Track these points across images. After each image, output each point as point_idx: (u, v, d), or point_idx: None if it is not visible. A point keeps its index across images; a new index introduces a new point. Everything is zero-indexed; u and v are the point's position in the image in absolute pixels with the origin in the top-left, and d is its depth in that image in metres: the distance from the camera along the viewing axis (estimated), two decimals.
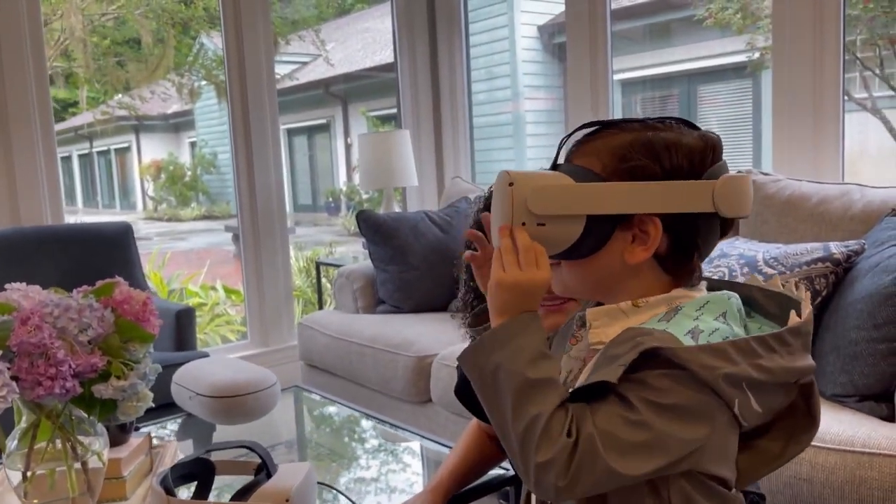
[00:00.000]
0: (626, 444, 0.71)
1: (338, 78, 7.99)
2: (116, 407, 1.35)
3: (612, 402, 0.73)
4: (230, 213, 8.40)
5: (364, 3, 9.77)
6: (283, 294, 3.25)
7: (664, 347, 0.72)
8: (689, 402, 0.72)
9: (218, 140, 8.55)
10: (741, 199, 0.80)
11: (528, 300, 0.79)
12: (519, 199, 0.79)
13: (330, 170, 8.23)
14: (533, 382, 0.74)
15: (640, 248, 0.80)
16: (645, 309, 0.81)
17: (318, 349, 2.69)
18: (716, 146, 0.81)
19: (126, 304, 1.38)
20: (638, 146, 0.79)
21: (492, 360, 0.76)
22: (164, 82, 6.95)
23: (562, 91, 6.54)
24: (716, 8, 4.61)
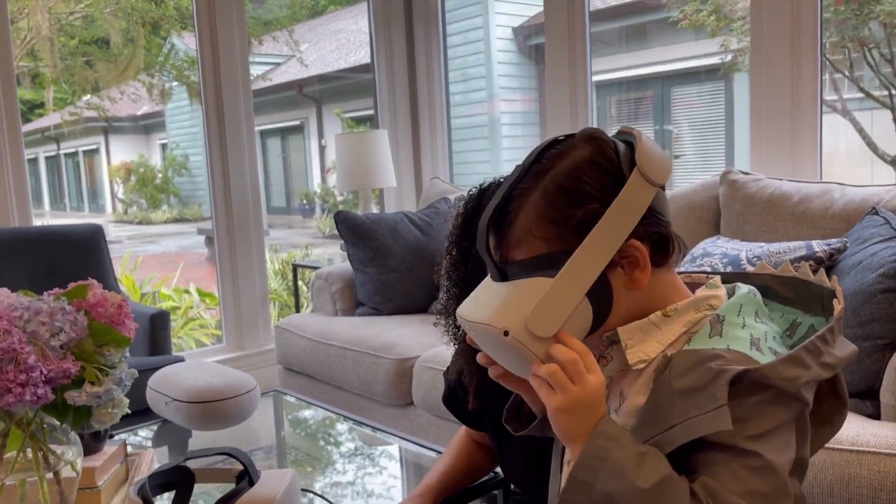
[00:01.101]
0: (767, 492, 0.68)
1: (311, 79, 7.93)
2: (91, 414, 1.29)
3: (722, 457, 0.70)
4: (202, 216, 8.29)
5: (337, 4, 9.72)
6: (259, 297, 3.20)
7: (751, 370, 0.70)
8: (784, 419, 0.72)
9: (190, 142, 8.44)
10: (663, 157, 0.77)
11: (595, 410, 0.73)
12: (526, 338, 0.74)
13: (304, 171, 8.17)
14: (653, 492, 0.69)
15: (639, 272, 0.76)
16: (675, 316, 0.78)
17: (296, 353, 2.64)
18: (601, 137, 0.77)
19: (100, 306, 1.33)
20: (558, 202, 0.75)
21: (598, 491, 0.70)
22: (134, 83, 6.84)
23: (537, 93, 6.55)
24: (690, 10, 4.63)
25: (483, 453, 1.41)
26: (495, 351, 0.78)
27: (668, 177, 0.77)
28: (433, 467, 1.39)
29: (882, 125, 4.51)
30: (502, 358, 0.78)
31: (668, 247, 0.78)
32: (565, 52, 2.94)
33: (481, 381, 1.22)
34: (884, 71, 4.32)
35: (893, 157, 4.42)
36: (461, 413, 1.36)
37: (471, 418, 1.35)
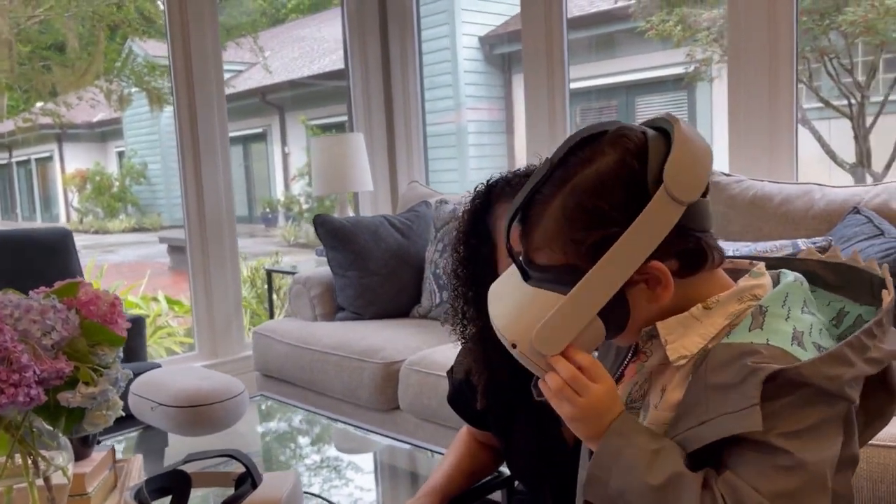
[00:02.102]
0: (796, 492, 0.67)
1: (275, 86, 7.85)
2: (83, 417, 1.24)
3: (753, 455, 0.69)
4: (162, 225, 8.12)
5: (298, 12, 9.66)
6: (233, 304, 3.13)
7: (787, 369, 0.68)
8: (824, 417, 0.69)
9: (149, 149, 8.26)
10: (697, 171, 0.72)
11: (606, 413, 0.75)
12: (533, 354, 0.76)
13: (266, 180, 8.06)
14: (662, 489, 0.69)
15: (660, 288, 0.75)
16: (717, 308, 0.76)
17: (275, 358, 2.58)
18: (629, 139, 0.73)
19: (92, 305, 1.27)
20: (577, 220, 0.73)
21: (612, 488, 0.73)
22: (92, 89, 6.68)
23: (504, 101, 6.59)
24: (657, 20, 4.71)
25: (486, 453, 1.39)
26: (515, 355, 0.79)
27: (696, 194, 0.72)
28: (437, 468, 1.36)
29: (841, 134, 4.64)
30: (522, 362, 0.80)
31: (700, 260, 0.76)
32: (543, 59, 2.95)
33: (490, 379, 1.20)
34: (843, 81, 4.45)
35: (852, 164, 4.55)
36: (467, 413, 1.34)
37: (476, 418, 1.33)
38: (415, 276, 2.65)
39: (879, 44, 4.19)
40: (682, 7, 4.82)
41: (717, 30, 4.45)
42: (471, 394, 1.27)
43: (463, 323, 1.19)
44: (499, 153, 6.48)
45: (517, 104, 6.54)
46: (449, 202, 2.65)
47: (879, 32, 4.09)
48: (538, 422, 1.19)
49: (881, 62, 4.48)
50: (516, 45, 6.40)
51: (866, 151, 4.56)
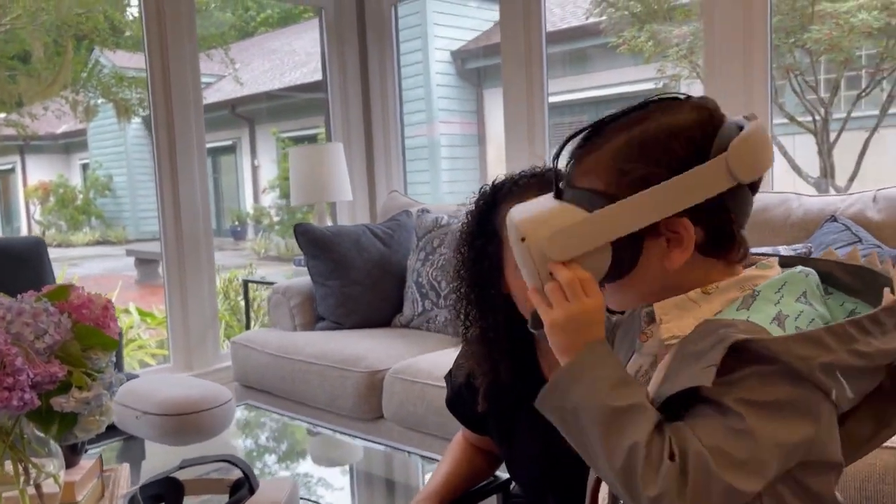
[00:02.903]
0: (736, 457, 0.65)
1: (245, 98, 7.80)
2: (76, 422, 1.21)
3: (708, 411, 0.68)
4: (127, 238, 7.99)
5: (268, 26, 9.63)
6: (209, 316, 3.09)
7: (754, 339, 0.67)
8: (789, 398, 0.67)
9: (114, 162, 8.14)
10: (760, 156, 0.74)
11: (588, 330, 0.74)
12: (537, 253, 0.76)
13: (236, 192, 7.99)
14: (619, 411, 0.68)
15: (678, 251, 0.75)
16: (716, 294, 0.76)
17: (255, 369, 2.55)
18: (712, 112, 0.76)
19: (85, 308, 1.25)
20: (633, 153, 0.74)
21: (570, 400, 0.71)
22: (58, 99, 6.57)
23: (476, 115, 6.63)
24: (629, 35, 4.79)
25: (482, 458, 1.39)
26: (515, 250, 0.78)
27: (752, 177, 0.74)
28: (434, 472, 1.36)
29: (805, 149, 4.75)
30: (520, 262, 0.79)
31: (725, 243, 0.76)
32: (522, 73, 2.98)
33: (492, 382, 1.20)
34: (808, 97, 4.56)
35: (816, 178, 4.66)
36: (465, 417, 1.33)
37: (475, 422, 1.32)
38: (396, 285, 2.64)
39: (843, 61, 4.32)
40: (653, 24, 4.91)
41: (688, 46, 4.54)
42: (470, 397, 1.26)
43: (465, 324, 1.18)
44: (471, 166, 6.52)
45: (489, 118, 6.59)
46: (431, 211, 2.65)
47: (843, 50, 4.21)
48: (542, 425, 1.19)
49: (843, 80, 4.61)
50: (488, 59, 6.48)
51: (830, 166, 4.69)
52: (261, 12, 9.61)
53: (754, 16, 2.41)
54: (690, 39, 4.53)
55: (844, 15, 4.10)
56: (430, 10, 5.97)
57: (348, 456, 1.80)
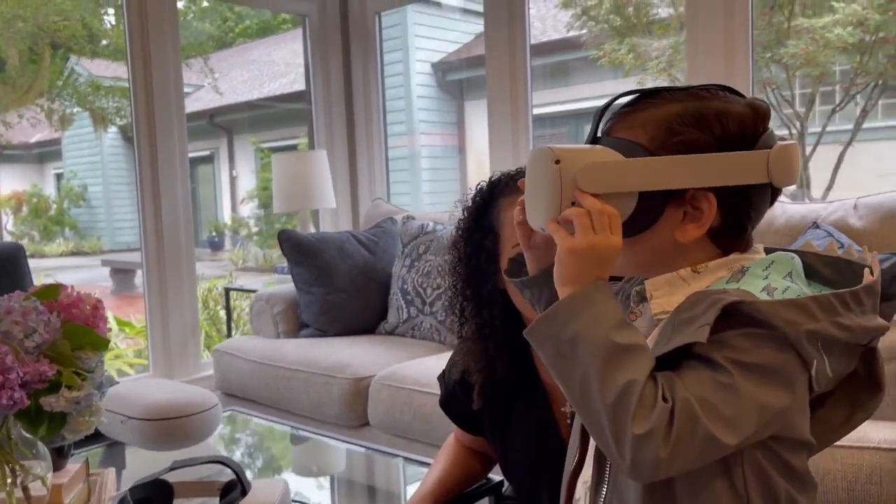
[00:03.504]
0: (721, 408, 0.66)
1: (224, 108, 7.76)
2: (65, 423, 1.19)
3: (697, 365, 0.69)
4: (102, 249, 7.88)
5: (246, 36, 9.60)
6: (190, 325, 3.05)
7: (745, 302, 0.69)
8: (773, 364, 0.69)
9: (89, 171, 8.05)
10: (793, 168, 0.78)
11: (602, 267, 0.74)
12: (567, 177, 0.74)
13: (213, 203, 7.92)
14: (621, 348, 0.68)
15: (693, 226, 0.76)
16: (705, 274, 0.78)
17: (238, 377, 2.52)
18: (766, 114, 0.79)
19: (75, 307, 1.23)
20: (687, 117, 0.76)
21: (569, 330, 0.70)
22: (34, 107, 6.49)
23: (456, 127, 6.65)
24: (609, 48, 4.84)
25: (475, 460, 1.38)
26: (538, 180, 0.77)
27: (783, 182, 0.77)
28: (427, 474, 1.35)
29: None
30: (540, 189, 0.77)
31: (736, 235, 0.78)
32: (506, 85, 3.00)
33: (487, 378, 1.20)
34: (785, 111, 4.64)
35: (792, 191, 4.73)
36: (460, 416, 1.33)
37: (469, 422, 1.32)
38: (381, 292, 2.63)
39: (819, 75, 4.40)
40: (632, 37, 4.98)
41: (667, 59, 4.60)
42: (465, 397, 1.26)
43: (461, 321, 1.19)
44: (451, 177, 6.53)
45: (470, 130, 6.61)
46: (416, 218, 2.65)
47: (819, 64, 4.29)
48: (537, 421, 1.20)
49: (818, 95, 4.70)
50: (469, 71, 6.51)
51: (806, 178, 4.76)
52: (239, 23, 9.59)
53: (736, 30, 2.45)
54: (670, 53, 4.59)
55: (820, 30, 4.18)
56: (411, 22, 5.98)
57: (336, 460, 1.78)
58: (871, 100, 4.67)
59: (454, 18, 6.42)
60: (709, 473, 0.72)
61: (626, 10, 5.22)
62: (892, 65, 4.50)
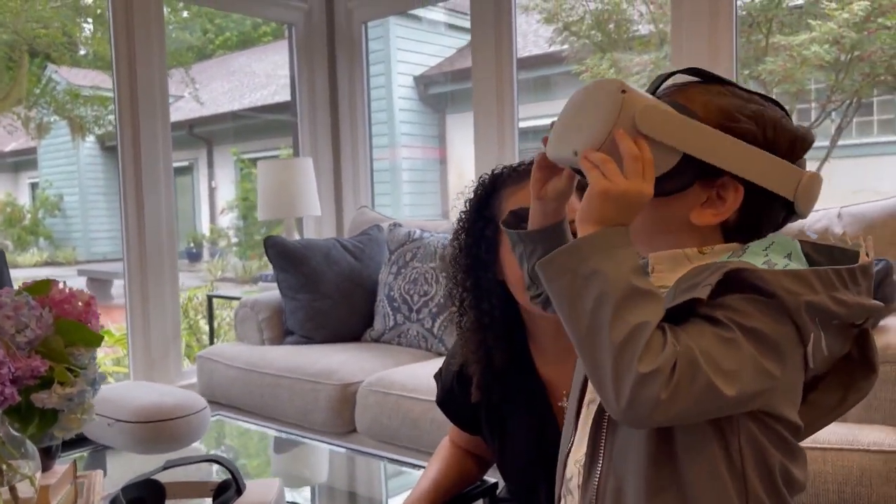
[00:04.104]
0: (720, 361, 0.67)
1: (203, 119, 7.71)
2: (56, 420, 1.17)
3: (698, 321, 0.70)
4: (77, 259, 7.78)
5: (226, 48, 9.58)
6: (171, 334, 3.02)
7: (749, 269, 0.70)
8: (770, 332, 0.70)
9: (66, 181, 7.95)
10: (815, 198, 0.80)
11: (629, 213, 0.73)
12: (629, 109, 0.73)
13: (191, 214, 7.85)
14: (638, 291, 0.69)
15: (711, 212, 0.77)
16: (709, 256, 0.79)
17: (222, 383, 2.49)
18: (810, 143, 0.81)
19: (67, 303, 1.22)
20: (747, 112, 0.78)
21: (589, 265, 0.70)
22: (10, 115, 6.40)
23: (438, 140, 6.67)
24: (592, 63, 4.90)
25: (471, 461, 1.38)
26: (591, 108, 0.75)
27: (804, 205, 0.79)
28: (422, 476, 1.34)
29: None
30: (590, 116, 0.75)
31: (745, 236, 0.80)
32: (493, 98, 3.01)
33: (486, 370, 1.20)
34: None
35: None
36: (457, 414, 1.32)
37: (466, 420, 1.31)
38: (367, 299, 2.62)
39: (796, 92, 4.48)
40: (613, 52, 5.04)
41: (648, 75, 4.66)
42: (462, 394, 1.26)
43: (460, 311, 1.19)
44: (432, 190, 6.54)
45: (451, 143, 6.63)
46: (403, 225, 2.65)
47: (797, 81, 4.37)
48: (535, 416, 1.19)
49: (795, 112, 4.78)
50: (451, 85, 6.54)
51: None
52: (220, 35, 9.56)
53: (721, 46, 2.49)
54: (651, 68, 4.65)
55: (797, 48, 4.27)
56: (393, 36, 6.01)
57: (325, 464, 1.77)
58: (846, 117, 4.77)
59: (436, 32, 6.45)
60: (707, 438, 0.73)
61: (608, 26, 5.29)
62: (867, 83, 4.59)
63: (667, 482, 0.74)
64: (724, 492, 0.73)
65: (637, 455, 0.75)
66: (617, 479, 0.77)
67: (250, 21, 9.36)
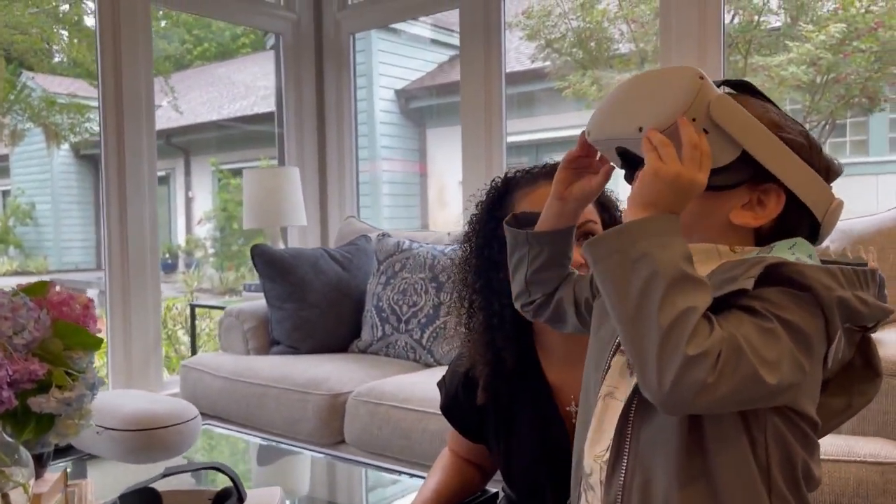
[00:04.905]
0: (762, 350, 0.68)
1: (181, 129, 7.64)
2: (52, 425, 1.13)
3: (738, 311, 0.71)
4: (49, 269, 7.63)
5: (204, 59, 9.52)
6: (153, 343, 2.97)
7: (788, 263, 0.71)
8: (805, 326, 0.70)
9: (38, 189, 7.81)
10: (833, 227, 0.83)
11: (681, 200, 0.74)
12: (704, 96, 0.75)
13: (167, 225, 7.76)
14: (688, 277, 0.69)
15: (751, 215, 0.79)
16: (739, 255, 0.80)
17: (207, 393, 2.45)
18: (838, 172, 0.84)
19: (65, 306, 1.19)
20: (796, 128, 0.80)
21: (639, 248, 0.70)
22: None
23: (418, 154, 6.67)
24: (574, 79, 4.94)
25: (473, 470, 1.36)
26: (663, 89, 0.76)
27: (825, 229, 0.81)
28: (424, 485, 1.32)
29: None
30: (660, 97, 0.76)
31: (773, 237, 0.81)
32: (481, 113, 3.02)
33: (494, 371, 1.19)
34: None
35: None
36: (461, 421, 1.31)
37: (470, 427, 1.30)
38: (355, 310, 2.60)
39: None
40: (594, 69, 5.09)
41: None
42: (468, 399, 1.25)
43: (469, 313, 1.19)
44: (411, 204, 6.53)
45: (432, 158, 6.64)
46: (392, 236, 2.64)
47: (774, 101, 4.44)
48: (542, 421, 1.19)
49: None
50: (432, 99, 6.56)
51: None
52: (198, 45, 9.51)
53: (709, 66, 2.53)
54: None
55: (775, 68, 4.35)
56: (375, 49, 6.01)
57: (317, 473, 1.74)
58: (821, 138, 4.86)
59: (417, 47, 6.47)
60: (736, 429, 0.74)
61: (589, 44, 5.35)
62: (842, 105, 4.69)
63: (697, 472, 0.74)
64: (753, 483, 0.74)
65: (666, 447, 0.75)
66: (644, 472, 0.77)
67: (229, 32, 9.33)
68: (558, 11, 5.18)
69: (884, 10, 4.33)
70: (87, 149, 7.46)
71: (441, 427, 1.91)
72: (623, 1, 4.99)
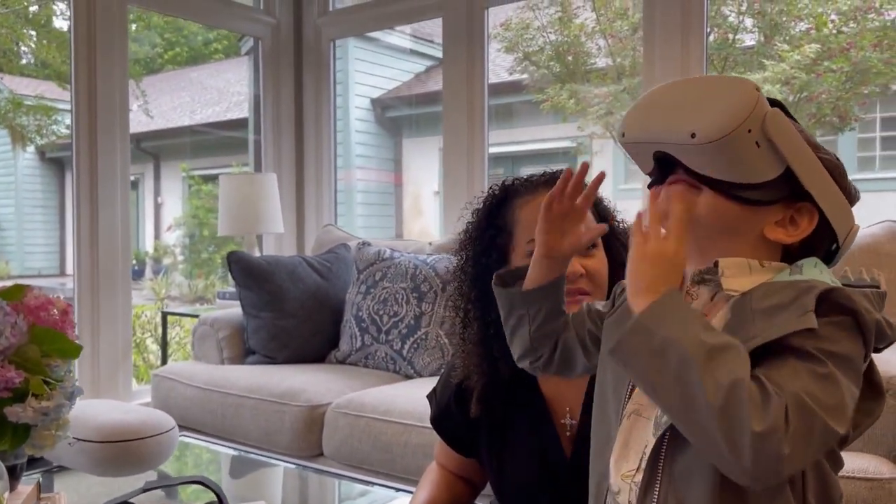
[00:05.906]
0: (825, 399, 0.66)
1: (151, 134, 7.52)
2: (28, 436, 1.08)
3: (789, 356, 0.69)
4: (10, 274, 7.45)
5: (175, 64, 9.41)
6: (122, 352, 2.88)
7: (837, 288, 0.70)
8: (855, 356, 0.70)
9: (1, 192, 7.63)
10: (847, 249, 0.83)
11: (673, 275, 0.74)
12: (761, 109, 0.74)
13: (135, 231, 7.62)
14: (717, 348, 0.67)
15: (783, 232, 0.78)
16: (768, 270, 0.79)
17: (180, 403, 2.38)
18: (857, 198, 0.84)
19: (43, 311, 1.14)
20: (829, 152, 0.80)
21: (656, 338, 0.69)
22: None
23: (393, 164, 6.64)
24: (552, 92, 4.96)
25: (461, 484, 1.33)
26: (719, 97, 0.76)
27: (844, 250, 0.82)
28: (412, 500, 1.29)
29: None
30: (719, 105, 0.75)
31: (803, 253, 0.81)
32: (464, 123, 3.00)
33: (489, 381, 1.17)
34: None
35: None
36: (452, 433, 1.28)
37: (461, 440, 1.27)
38: (333, 319, 2.55)
39: None
40: (572, 83, 5.12)
41: (606, 106, 4.74)
42: (460, 412, 1.22)
43: (464, 323, 1.16)
44: (387, 214, 6.50)
45: (407, 168, 6.62)
46: (371, 244, 2.60)
47: None
48: (537, 434, 1.16)
49: None
50: (409, 109, 6.54)
51: None
52: (169, 49, 9.40)
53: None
54: (610, 100, 4.73)
55: None
56: (351, 57, 5.99)
57: (298, 486, 1.69)
58: None
59: (393, 56, 6.46)
60: None
61: (566, 57, 5.38)
62: (814, 123, 4.77)
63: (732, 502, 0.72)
64: None
65: (702, 479, 0.73)
66: (677, 500, 0.75)
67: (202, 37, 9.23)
68: (536, 25, 5.21)
69: (855, 30, 4.42)
70: (53, 151, 7.31)
71: (423, 440, 1.88)
72: (601, 16, 5.03)
